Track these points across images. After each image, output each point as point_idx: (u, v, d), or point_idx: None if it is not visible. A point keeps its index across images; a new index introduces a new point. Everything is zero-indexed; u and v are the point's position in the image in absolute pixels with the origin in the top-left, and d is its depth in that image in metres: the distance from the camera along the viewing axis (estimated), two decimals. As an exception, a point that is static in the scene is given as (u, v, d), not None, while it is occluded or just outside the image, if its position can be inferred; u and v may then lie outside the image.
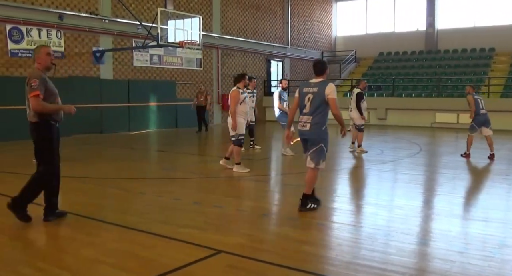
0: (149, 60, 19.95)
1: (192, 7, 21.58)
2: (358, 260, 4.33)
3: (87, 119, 17.14)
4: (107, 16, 18.12)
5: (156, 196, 7.26)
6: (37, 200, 5.84)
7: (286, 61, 28.14)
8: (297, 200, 6.92)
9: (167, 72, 20.78)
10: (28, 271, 4.13)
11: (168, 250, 4.66)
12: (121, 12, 18.52)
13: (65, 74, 16.92)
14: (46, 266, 4.24)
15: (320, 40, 31.05)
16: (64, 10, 16.70)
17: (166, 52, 20.41)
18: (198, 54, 21.85)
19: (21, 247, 4.84)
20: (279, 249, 4.68)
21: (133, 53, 19.27)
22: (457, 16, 28.03)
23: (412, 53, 28.91)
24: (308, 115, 6.00)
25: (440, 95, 23.01)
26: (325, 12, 31.35)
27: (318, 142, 5.98)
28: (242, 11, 24.60)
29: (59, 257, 4.52)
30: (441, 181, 8.81)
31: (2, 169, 9.48)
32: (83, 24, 17.33)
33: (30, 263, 4.34)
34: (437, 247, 4.73)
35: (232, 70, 24.23)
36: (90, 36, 17.72)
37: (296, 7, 28.52)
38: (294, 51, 28.46)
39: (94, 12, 17.67)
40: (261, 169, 9.99)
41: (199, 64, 22.34)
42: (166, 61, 20.68)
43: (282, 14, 27.58)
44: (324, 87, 5.95)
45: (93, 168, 10.04)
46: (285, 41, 27.84)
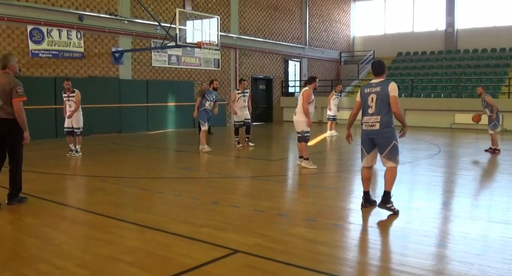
0: (167, 60, 20.07)
1: (210, 7, 21.67)
2: (374, 262, 4.31)
3: (106, 118, 17.33)
4: (126, 16, 18.28)
5: (174, 196, 7.31)
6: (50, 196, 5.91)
7: (304, 61, 28.08)
8: (313, 201, 6.92)
9: (185, 72, 20.89)
10: (48, 269, 4.19)
11: (185, 249, 4.69)
12: (140, 13, 18.67)
13: (84, 74, 17.12)
14: (65, 264, 4.30)
15: (338, 40, 30.93)
16: (84, 11, 16.89)
17: (184, 53, 20.52)
18: (216, 54, 21.92)
19: (40, 245, 4.91)
20: (295, 249, 4.68)
21: (152, 54, 19.42)
22: (477, 15, 27.66)
23: (431, 53, 28.63)
24: (376, 115, 6.01)
25: (459, 96, 22.74)
26: (343, 12, 31.22)
27: (391, 140, 6.04)
28: (260, 11, 24.62)
29: (78, 256, 4.58)
30: (461, 182, 8.72)
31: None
32: (102, 24, 17.52)
33: (49, 261, 4.40)
34: (456, 249, 4.69)
35: (250, 70, 24.26)
36: (109, 37, 17.90)
37: (314, 7, 28.45)
38: (312, 51, 28.39)
39: (114, 13, 17.85)
40: (277, 169, 9.99)
41: (217, 64, 22.41)
42: (184, 62, 20.79)
43: (300, 14, 27.53)
44: (387, 85, 5.95)
45: (112, 168, 10.15)
46: (303, 41, 27.79)
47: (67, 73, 16.59)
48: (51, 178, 9.00)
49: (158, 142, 15.36)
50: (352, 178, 9.22)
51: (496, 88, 23.19)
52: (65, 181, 8.60)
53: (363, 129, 6.21)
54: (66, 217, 6.02)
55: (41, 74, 15.90)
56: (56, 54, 16.29)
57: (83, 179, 8.67)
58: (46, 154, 11.76)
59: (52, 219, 5.96)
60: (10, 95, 6.28)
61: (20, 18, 15.36)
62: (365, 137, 6.23)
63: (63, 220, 5.86)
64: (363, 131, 6.23)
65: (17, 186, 6.55)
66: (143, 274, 4.08)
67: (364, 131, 6.20)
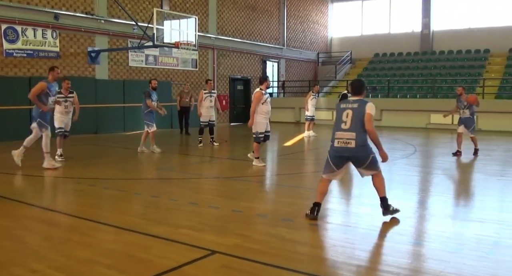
0: (144, 60, 19.93)
1: (188, 7, 21.58)
2: (352, 261, 4.34)
3: (82, 119, 17.07)
4: (103, 16, 18.09)
5: (152, 197, 7.26)
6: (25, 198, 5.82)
7: (282, 62, 28.17)
8: (292, 201, 6.94)
9: (162, 72, 20.76)
10: (22, 273, 4.12)
11: (164, 250, 4.66)
12: (117, 12, 18.50)
13: (60, 74, 16.84)
14: (41, 267, 4.23)
15: (316, 41, 31.10)
16: (59, 10, 16.66)
17: (161, 53, 20.40)
18: (194, 54, 21.85)
19: (15, 248, 4.82)
20: (273, 249, 4.69)
21: (129, 54, 19.25)
22: (452, 17, 28.13)
23: (407, 54, 29.00)
24: (351, 131, 5.64)
25: (435, 96, 23.09)
26: (321, 13, 31.41)
27: (369, 155, 5.76)
28: (238, 12, 24.61)
29: (54, 258, 4.51)
30: (436, 182, 8.84)
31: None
32: (78, 24, 17.30)
33: (25, 264, 4.32)
34: (432, 248, 4.76)
35: (228, 71, 24.24)
36: (85, 36, 17.68)
37: (292, 8, 28.56)
38: (290, 52, 28.50)
39: (90, 12, 17.64)
40: (256, 170, 9.99)
41: (195, 64, 22.34)
42: (162, 62, 20.67)
43: (278, 15, 27.61)
44: (365, 104, 5.65)
45: (88, 169, 10.02)
46: (281, 42, 27.87)
47: (42, 73, 16.32)
48: (26, 179, 8.86)
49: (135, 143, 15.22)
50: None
51: (471, 89, 23.57)
52: (41, 183, 8.46)
53: (336, 146, 5.76)
54: (41, 220, 5.93)
55: (16, 73, 15.63)
56: (31, 54, 16.03)
57: (59, 181, 8.54)
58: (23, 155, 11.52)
59: (28, 221, 5.86)
60: None
61: (-6, 17, 15.09)
62: (338, 155, 5.80)
63: (38, 223, 5.77)
64: (334, 148, 5.79)
65: None
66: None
67: (337, 148, 5.75)
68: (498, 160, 11.32)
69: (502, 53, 26.19)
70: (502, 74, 24.43)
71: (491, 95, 22.08)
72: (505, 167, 10.39)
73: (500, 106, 19.97)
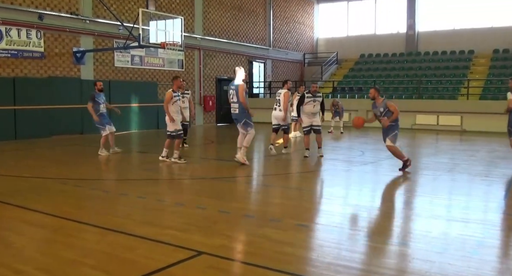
0: (130, 60, 19.82)
1: (174, 8, 21.51)
2: (339, 261, 4.36)
3: (68, 119, 16.98)
4: (88, 16, 17.96)
5: (138, 198, 7.22)
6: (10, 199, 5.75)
7: (268, 63, 28.20)
8: (279, 202, 6.95)
9: (148, 73, 20.67)
10: (6, 273, 4.07)
11: (149, 251, 4.64)
12: (102, 13, 18.38)
13: (45, 74, 16.73)
14: (26, 268, 4.19)
15: (302, 42, 31.19)
16: (44, 10, 16.51)
17: (147, 53, 20.31)
18: (180, 55, 21.78)
19: (0, 250, 4.77)
20: (260, 250, 4.69)
21: (114, 54, 19.13)
22: (437, 18, 28.40)
23: (393, 55, 29.19)
24: None
25: (420, 97, 23.27)
26: (306, 14, 31.50)
27: None
28: (224, 12, 24.59)
29: (39, 259, 4.47)
30: (422, 182, 8.91)
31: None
32: (63, 24, 17.16)
33: (9, 265, 4.27)
34: (417, 248, 4.79)
35: (214, 71, 24.21)
36: (70, 37, 17.54)
37: (278, 9, 28.61)
38: (276, 52, 28.55)
39: (75, 12, 17.50)
40: (243, 170, 9.99)
41: (181, 65, 22.27)
42: (148, 62, 20.58)
43: (264, 16, 27.64)
44: None
45: (74, 169, 9.94)
46: (267, 43, 27.90)
47: (27, 73, 16.18)
48: (10, 180, 8.76)
49: (121, 143, 15.12)
50: (315, 178, 9.31)
51: (456, 89, 23.84)
52: (25, 183, 8.37)
53: None
54: (26, 220, 5.87)
55: (0, 74, 15.47)
56: (15, 54, 15.86)
57: (44, 181, 8.46)
58: (6, 155, 11.42)
59: (12, 222, 5.79)
60: None
61: (-23, 16, 14.90)
62: None
63: (23, 224, 5.70)
64: None
65: None
66: (106, 277, 4.02)
67: None
68: (482, 161, 11.44)
69: (486, 54, 26.48)
70: (486, 75, 24.70)
71: (476, 96, 22.31)
72: (489, 168, 10.49)
73: (484, 107, 20.18)
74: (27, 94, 15.73)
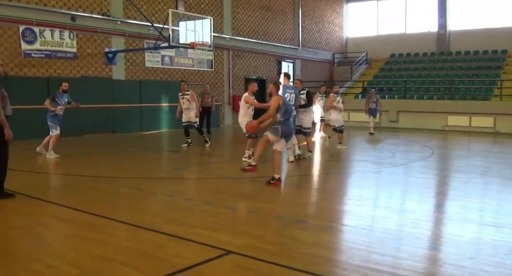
0: (160, 61, 20.03)
1: (203, 8, 21.64)
2: (368, 264, 4.31)
3: (100, 118, 17.27)
4: (119, 17, 18.22)
5: (168, 196, 7.29)
6: (44, 196, 5.86)
7: (297, 62, 28.12)
8: (306, 202, 6.93)
9: (178, 73, 20.84)
10: (40, 268, 4.18)
11: (178, 249, 4.68)
12: (133, 14, 18.62)
13: (77, 74, 17.04)
14: (57, 263, 4.29)
15: (331, 42, 31.00)
16: (76, 12, 16.81)
17: (177, 53, 20.49)
18: (209, 55, 21.89)
19: (32, 245, 4.88)
20: (288, 251, 4.68)
21: (145, 54, 19.37)
22: (469, 17, 27.83)
23: (423, 55, 28.74)
24: None
25: (452, 98, 22.85)
26: (336, 13, 31.30)
27: None
28: (253, 12, 24.62)
29: (70, 255, 4.56)
30: (454, 185, 8.75)
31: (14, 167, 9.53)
32: (95, 25, 17.44)
33: (42, 260, 4.38)
34: (449, 253, 4.71)
35: (243, 71, 24.26)
36: (102, 37, 17.83)
37: (307, 8, 28.50)
38: (305, 52, 28.44)
39: (106, 13, 17.78)
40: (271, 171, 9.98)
41: (210, 65, 22.39)
42: (177, 62, 20.75)
43: (293, 15, 27.57)
44: None
45: (105, 168, 10.11)
46: (296, 42, 27.83)
47: (60, 73, 16.51)
48: (44, 177, 8.96)
49: (152, 142, 15.33)
50: (346, 179, 9.24)
51: (488, 90, 23.32)
52: (59, 181, 8.55)
53: None
54: (59, 217, 5.99)
55: (34, 74, 15.81)
56: (49, 54, 16.20)
57: (76, 179, 8.62)
58: (40, 154, 11.66)
59: (45, 218, 5.93)
60: None
61: (12, 18, 15.26)
62: None
63: (56, 220, 5.83)
64: None
65: None
66: (135, 274, 4.07)
67: None
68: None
69: (520, 54, 25.85)
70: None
71: (509, 97, 21.76)
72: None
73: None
74: (60, 94, 16.03)
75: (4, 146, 6.74)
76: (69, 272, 4.10)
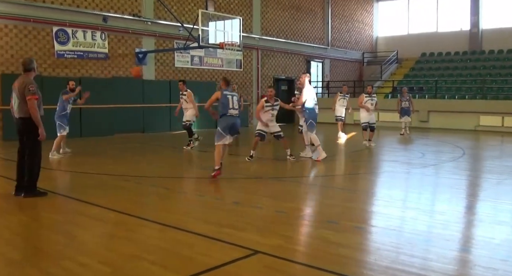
0: (190, 61, 20.20)
1: (232, 8, 21.73)
2: (397, 265, 4.27)
3: (130, 118, 17.52)
4: (150, 18, 18.45)
5: (196, 195, 7.36)
6: (75, 195, 5.95)
7: (326, 62, 27.98)
8: (335, 202, 6.90)
9: (207, 73, 20.98)
10: (71, 266, 4.26)
11: (207, 249, 4.71)
12: (163, 14, 18.82)
13: (108, 74, 17.33)
14: (88, 261, 4.37)
15: (361, 41, 30.74)
16: (108, 12, 17.10)
17: (206, 53, 20.63)
18: (238, 55, 21.97)
19: (64, 242, 4.98)
20: (316, 251, 4.67)
21: (175, 54, 19.56)
22: (502, 15, 27.21)
23: (455, 54, 28.25)
24: None
25: (484, 97, 22.39)
26: (366, 12, 31.02)
27: None
28: (282, 12, 24.61)
29: (101, 253, 4.65)
30: (485, 186, 8.59)
31: (45, 166, 9.75)
32: (126, 25, 17.71)
33: (73, 258, 4.46)
34: (480, 255, 4.62)
35: (272, 71, 24.27)
36: (133, 38, 18.09)
37: (336, 8, 28.33)
38: (335, 52, 28.27)
39: (137, 14, 18.03)
40: (299, 170, 9.97)
41: (239, 65, 22.47)
42: (207, 62, 20.90)
43: (322, 15, 27.44)
44: None
45: (135, 166, 10.25)
46: (325, 42, 27.69)
47: (92, 74, 16.82)
48: (76, 176, 9.14)
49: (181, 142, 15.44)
50: (375, 180, 9.16)
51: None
52: (89, 180, 8.71)
53: None
54: (90, 215, 6.10)
55: (66, 74, 16.14)
56: (81, 55, 16.52)
57: (107, 178, 8.77)
58: (72, 153, 11.91)
59: (76, 216, 6.05)
60: (24, 94, 6.71)
61: (46, 20, 15.63)
62: None
63: (87, 218, 5.94)
64: None
65: (30, 179, 6.85)
66: (164, 272, 4.12)
67: None
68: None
69: (557, 52, 25.16)
70: (556, 75, 23.47)
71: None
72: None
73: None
74: (92, 94, 16.31)
75: (38, 146, 6.93)
76: (101, 271, 4.17)
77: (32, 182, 6.89)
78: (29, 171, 6.84)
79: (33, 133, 6.82)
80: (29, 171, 6.84)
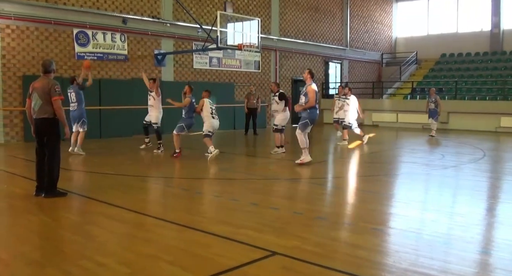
0: (208, 62, 20.27)
1: (251, 9, 21.76)
2: (416, 268, 4.23)
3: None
4: (169, 19, 18.57)
5: (214, 196, 7.38)
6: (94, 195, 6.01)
7: (344, 63, 27.85)
8: (353, 204, 6.86)
9: (226, 74, 21.04)
10: (90, 266, 4.30)
11: (224, 250, 4.73)
12: (182, 16, 18.93)
13: (128, 76, 17.47)
14: (107, 261, 4.40)
15: (380, 42, 30.54)
16: (127, 14, 17.26)
17: (225, 55, 20.68)
18: (257, 56, 21.97)
19: (83, 242, 5.04)
20: (334, 253, 4.65)
21: (193, 56, 19.65)
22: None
23: (476, 55, 27.90)
24: None
25: (505, 98, 22.07)
26: (384, 13, 30.81)
27: None
28: (300, 13, 24.56)
29: (119, 253, 4.68)
30: (506, 188, 8.47)
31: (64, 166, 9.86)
32: (145, 27, 17.85)
33: (92, 258, 4.50)
34: (500, 257, 4.56)
35: (290, 72, 24.24)
36: (152, 39, 18.22)
37: (355, 8, 28.19)
38: (353, 52, 28.13)
39: (156, 16, 18.16)
40: (317, 171, 9.94)
41: (258, 66, 22.48)
42: (225, 64, 20.95)
43: (341, 16, 27.32)
44: None
45: (153, 167, 10.32)
46: (344, 43, 27.56)
47: (111, 75, 16.98)
48: (95, 177, 9.23)
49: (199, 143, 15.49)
50: (394, 181, 9.09)
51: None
52: (108, 180, 8.79)
53: None
54: (108, 215, 6.16)
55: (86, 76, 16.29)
56: (101, 57, 16.70)
57: (125, 179, 8.84)
58: (91, 154, 12.04)
59: (95, 216, 6.11)
60: (49, 95, 6.86)
61: (67, 22, 15.83)
62: None
63: (105, 218, 6.00)
64: None
65: (51, 180, 6.95)
66: (182, 273, 4.14)
67: None
68: None
69: None
70: None
71: None
72: None
73: None
74: (112, 95, 16.55)
75: (57, 147, 7.05)
76: (119, 271, 4.20)
77: (52, 182, 6.98)
78: (49, 172, 6.94)
79: (54, 134, 6.96)
80: (49, 172, 6.94)
